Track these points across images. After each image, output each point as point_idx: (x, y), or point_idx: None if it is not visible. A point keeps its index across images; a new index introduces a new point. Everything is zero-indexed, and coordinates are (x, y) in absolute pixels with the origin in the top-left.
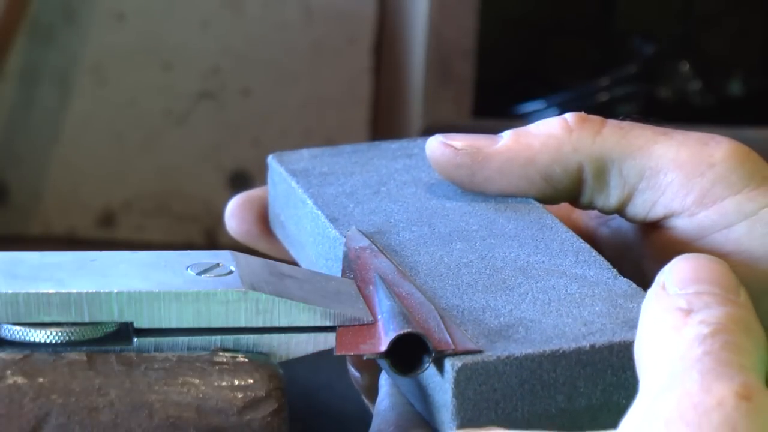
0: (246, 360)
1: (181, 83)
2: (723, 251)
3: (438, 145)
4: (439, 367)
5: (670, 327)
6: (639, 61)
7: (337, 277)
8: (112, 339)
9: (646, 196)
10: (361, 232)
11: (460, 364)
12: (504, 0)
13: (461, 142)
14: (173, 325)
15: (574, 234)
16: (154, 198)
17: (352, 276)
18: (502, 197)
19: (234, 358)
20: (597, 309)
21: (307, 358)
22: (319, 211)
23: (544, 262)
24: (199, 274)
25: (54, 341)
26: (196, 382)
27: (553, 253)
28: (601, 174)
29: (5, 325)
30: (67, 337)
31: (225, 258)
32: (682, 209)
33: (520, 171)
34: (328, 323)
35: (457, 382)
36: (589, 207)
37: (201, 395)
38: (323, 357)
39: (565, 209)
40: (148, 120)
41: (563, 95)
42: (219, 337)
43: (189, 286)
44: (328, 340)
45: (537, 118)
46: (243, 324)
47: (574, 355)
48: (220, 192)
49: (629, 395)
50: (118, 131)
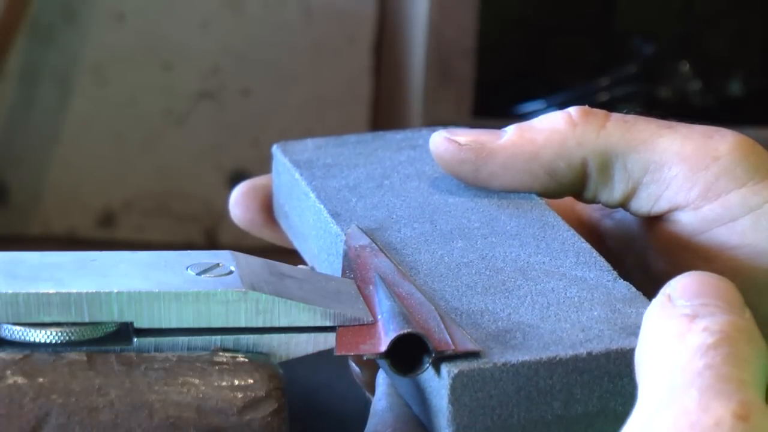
0: (246, 360)
1: (181, 83)
2: (728, 245)
3: (442, 141)
4: (436, 371)
5: (673, 334)
6: (639, 61)
7: (337, 277)
8: (112, 339)
9: (650, 190)
10: (361, 229)
11: (456, 371)
12: (504, 0)
13: (465, 137)
14: (173, 325)
15: (575, 233)
16: (154, 198)
17: (352, 275)
18: (505, 192)
19: (234, 358)
20: (595, 314)
21: (307, 358)
22: (321, 206)
23: (544, 262)
24: (199, 274)
25: (54, 341)
26: (196, 382)
27: (553, 254)
28: (605, 168)
29: (5, 325)
30: (67, 337)
31: (225, 258)
32: (687, 203)
33: (524, 166)
34: (328, 323)
35: (453, 389)
36: (593, 201)
37: (201, 395)
38: (323, 357)
39: (568, 202)
40: (148, 120)
41: (563, 95)
42: (219, 337)
43: (189, 286)
44: (328, 340)
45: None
46: (243, 324)
47: (570, 362)
48: (220, 192)
49: (626, 402)
50: (118, 131)
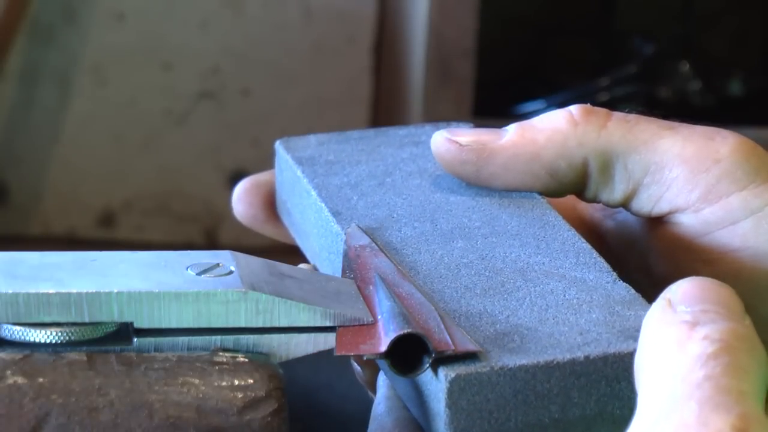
0: (246, 360)
1: (181, 83)
2: (729, 247)
3: (443, 142)
4: (434, 375)
5: (673, 341)
6: (639, 61)
7: (337, 277)
8: (112, 339)
9: (651, 191)
10: (361, 229)
11: (453, 375)
12: (504, 0)
13: (466, 137)
14: (173, 325)
15: (576, 233)
16: (154, 198)
17: (352, 276)
18: (507, 191)
19: (234, 358)
20: (594, 316)
21: (307, 358)
22: (322, 204)
23: (544, 263)
24: (199, 274)
25: (54, 341)
26: (196, 382)
27: (553, 254)
28: (606, 168)
29: (5, 325)
30: (67, 337)
31: (225, 258)
32: (687, 205)
33: (525, 167)
34: (328, 323)
35: (450, 392)
36: (594, 200)
37: (201, 395)
38: (323, 357)
39: (570, 201)
40: (148, 120)
41: (563, 95)
42: (219, 337)
43: (189, 286)
44: (328, 341)
45: None
46: (243, 324)
47: (568, 366)
48: (220, 192)
49: (624, 406)
50: (118, 131)
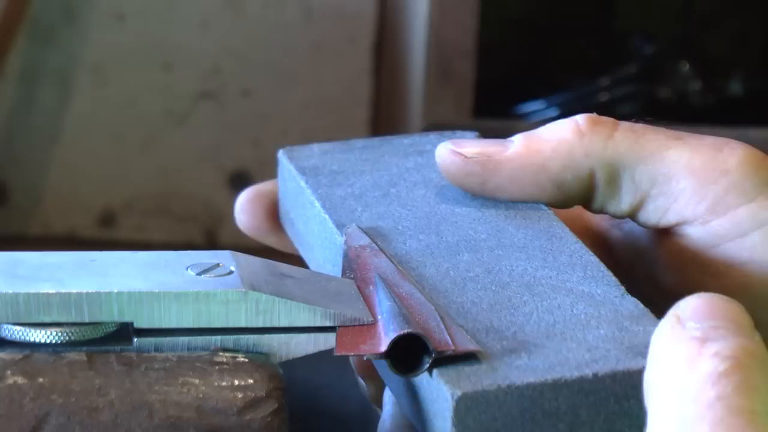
0: (246, 360)
1: (181, 83)
2: (737, 260)
3: (448, 154)
4: (440, 391)
5: (684, 359)
6: (639, 61)
7: (337, 277)
8: (112, 339)
9: (658, 202)
10: (361, 229)
11: (459, 393)
12: (504, 0)
13: (471, 149)
14: (173, 325)
15: (583, 245)
16: (154, 198)
17: (352, 276)
18: (512, 202)
19: (234, 358)
20: (602, 332)
21: (307, 358)
22: (326, 216)
23: (551, 277)
24: (199, 274)
25: (54, 341)
26: (196, 382)
27: (561, 267)
28: (612, 179)
29: (5, 325)
30: (67, 337)
31: (225, 258)
32: (695, 217)
33: (531, 179)
34: (328, 323)
35: (456, 411)
36: (601, 211)
37: (201, 395)
38: (323, 357)
39: (577, 211)
40: (148, 120)
41: (563, 95)
42: (219, 337)
43: (189, 286)
44: (328, 341)
45: (537, 118)
46: (243, 324)
47: (576, 383)
48: (220, 192)
49: (633, 424)
50: (118, 131)
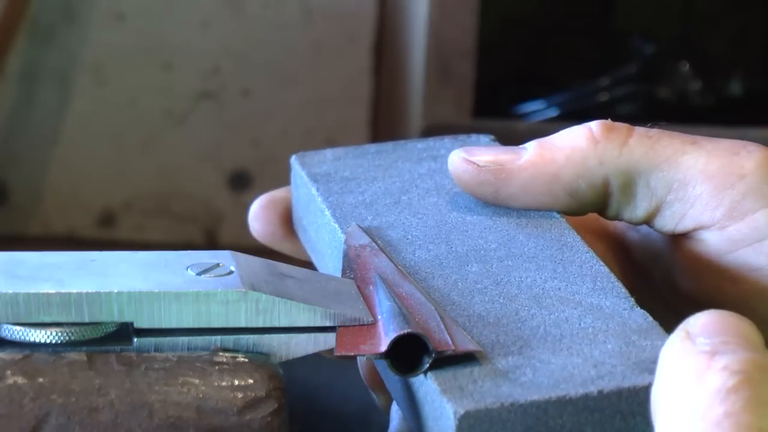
0: (246, 360)
1: (181, 83)
2: (754, 265)
3: (460, 162)
4: (443, 410)
5: (692, 374)
6: (639, 61)
7: (337, 277)
8: (112, 339)
9: (674, 208)
10: (361, 228)
11: (462, 411)
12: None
13: (484, 157)
14: (173, 325)
15: (594, 255)
16: (154, 198)
17: (352, 276)
18: (524, 210)
19: (234, 358)
20: (609, 347)
21: (307, 358)
22: (336, 225)
23: (560, 288)
24: (199, 274)
25: (54, 341)
26: (196, 382)
27: (570, 278)
28: (627, 187)
29: (5, 325)
30: (67, 337)
31: (225, 258)
32: (712, 222)
33: (545, 188)
34: (328, 323)
35: (459, 429)
36: (616, 218)
37: (201, 395)
38: (323, 357)
39: (593, 213)
40: (148, 120)
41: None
42: (219, 337)
43: (189, 286)
44: (328, 341)
45: (537, 118)
46: (243, 324)
47: (581, 401)
48: (220, 192)
49: None
50: (118, 131)
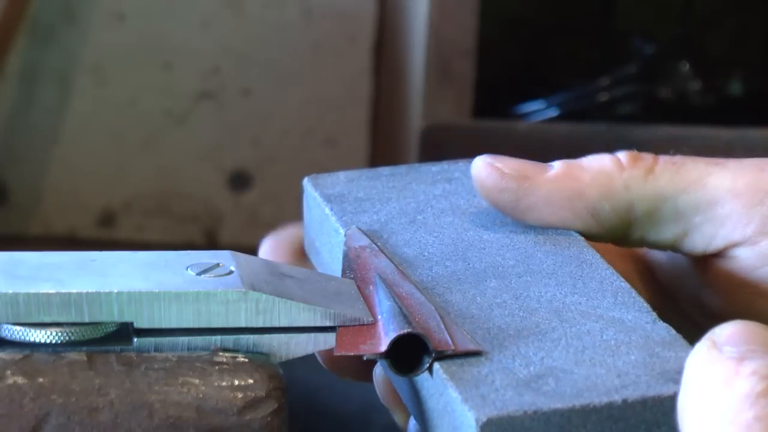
0: (246, 360)
1: (181, 83)
2: None
3: (484, 166)
4: (465, 418)
5: (720, 380)
6: (639, 61)
7: (337, 277)
8: (112, 339)
9: (704, 229)
10: (361, 230)
11: (485, 419)
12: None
13: (509, 165)
14: (173, 325)
15: (614, 271)
16: (154, 198)
17: (352, 276)
18: (542, 228)
19: (234, 358)
20: (632, 358)
21: (307, 358)
22: None
23: (580, 303)
24: (199, 274)
25: (54, 341)
26: (196, 382)
27: (590, 293)
28: (653, 212)
29: (5, 325)
30: (67, 337)
31: (225, 258)
32: (743, 239)
33: (567, 203)
34: (328, 323)
35: None
36: (640, 244)
37: (201, 395)
38: None
39: None
40: (148, 120)
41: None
42: (219, 337)
43: (189, 286)
44: (328, 341)
45: (537, 118)
46: (243, 324)
47: (605, 409)
48: (220, 192)
49: None
50: (118, 131)
